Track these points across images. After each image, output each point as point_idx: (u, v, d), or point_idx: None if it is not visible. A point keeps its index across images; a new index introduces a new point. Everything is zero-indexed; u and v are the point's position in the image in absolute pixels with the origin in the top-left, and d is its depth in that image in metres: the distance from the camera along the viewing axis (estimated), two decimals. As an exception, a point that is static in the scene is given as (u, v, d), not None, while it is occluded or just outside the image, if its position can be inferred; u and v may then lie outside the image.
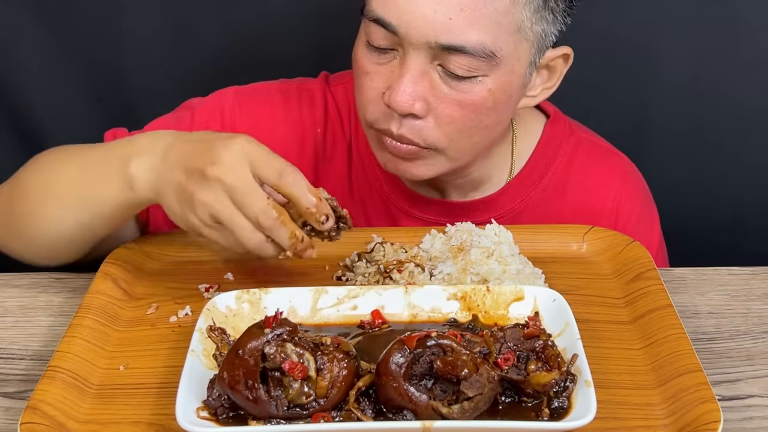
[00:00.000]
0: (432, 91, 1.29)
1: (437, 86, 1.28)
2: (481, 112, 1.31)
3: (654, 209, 1.60)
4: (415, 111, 1.28)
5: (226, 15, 1.89)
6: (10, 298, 1.36)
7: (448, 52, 1.25)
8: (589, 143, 1.56)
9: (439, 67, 1.27)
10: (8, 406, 1.15)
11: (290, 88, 1.55)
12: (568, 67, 1.39)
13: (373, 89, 1.32)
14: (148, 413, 1.08)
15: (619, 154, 1.58)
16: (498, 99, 1.31)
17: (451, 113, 1.30)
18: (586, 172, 1.53)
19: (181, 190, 1.20)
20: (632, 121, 1.93)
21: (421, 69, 1.27)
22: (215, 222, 1.19)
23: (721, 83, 1.89)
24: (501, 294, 1.20)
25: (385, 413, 1.03)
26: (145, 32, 1.89)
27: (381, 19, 1.26)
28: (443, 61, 1.26)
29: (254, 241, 1.19)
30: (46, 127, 1.97)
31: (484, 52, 1.25)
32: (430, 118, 1.30)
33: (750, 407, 1.14)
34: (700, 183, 1.97)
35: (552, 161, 1.52)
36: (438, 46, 1.25)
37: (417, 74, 1.27)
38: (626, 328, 1.22)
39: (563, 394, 1.05)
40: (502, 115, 1.35)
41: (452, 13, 1.23)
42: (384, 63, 1.30)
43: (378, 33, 1.28)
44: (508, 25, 1.26)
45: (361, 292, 1.20)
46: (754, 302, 1.34)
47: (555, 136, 1.53)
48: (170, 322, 1.25)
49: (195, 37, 1.90)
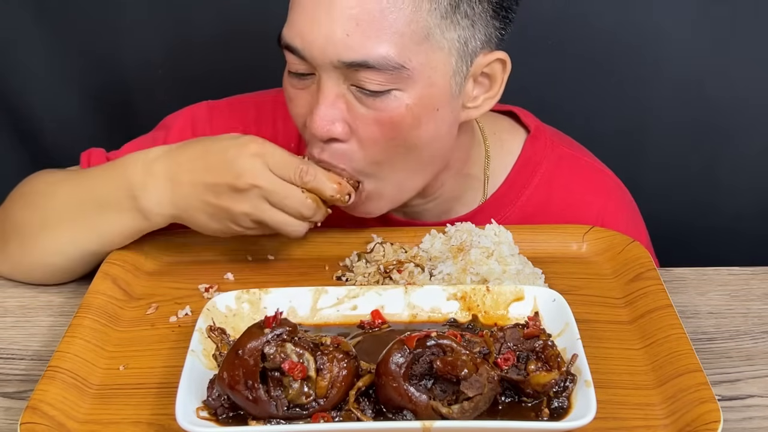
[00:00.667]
0: (350, 113, 1.25)
1: (353, 107, 1.25)
2: (402, 129, 1.26)
3: (640, 225, 1.56)
4: (336, 135, 1.26)
5: (226, 15, 1.89)
6: (10, 298, 1.36)
7: (355, 70, 1.22)
8: (572, 160, 1.51)
9: (353, 87, 1.24)
10: (8, 406, 1.15)
11: (266, 100, 1.53)
12: (507, 74, 1.32)
13: (298, 115, 1.30)
14: (148, 413, 1.08)
15: (603, 170, 1.54)
16: (419, 114, 1.25)
17: (371, 134, 1.26)
18: (568, 191, 1.49)
19: (215, 210, 1.27)
20: (632, 121, 1.93)
21: (336, 91, 1.25)
22: (258, 224, 1.27)
23: (722, 84, 1.90)
24: (501, 294, 1.19)
25: (385, 413, 1.03)
26: (144, 32, 1.89)
27: (289, 45, 1.25)
28: (354, 81, 1.23)
29: (300, 231, 1.29)
30: (46, 126, 1.97)
31: (389, 64, 1.21)
32: (353, 142, 1.27)
33: (750, 407, 1.14)
34: (700, 183, 1.97)
35: (530, 180, 1.48)
36: (342, 65, 1.22)
37: (332, 97, 1.25)
38: (626, 328, 1.22)
39: (563, 394, 1.04)
40: (433, 131, 1.28)
41: (349, 29, 1.20)
42: (303, 88, 1.28)
43: (292, 59, 1.26)
44: (412, 34, 1.22)
45: (361, 292, 1.20)
46: (754, 302, 1.34)
47: (535, 153, 1.48)
48: (170, 322, 1.25)
49: (194, 37, 1.90)
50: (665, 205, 1.63)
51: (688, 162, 1.96)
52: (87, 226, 1.33)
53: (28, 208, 1.39)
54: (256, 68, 1.76)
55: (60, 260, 1.36)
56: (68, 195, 1.35)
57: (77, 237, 1.34)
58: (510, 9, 1.30)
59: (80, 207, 1.33)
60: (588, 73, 1.86)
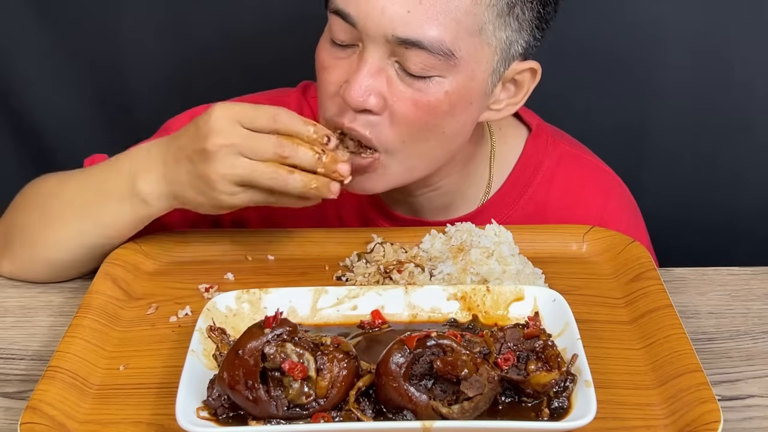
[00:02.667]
0: (388, 88, 1.26)
1: (394, 83, 1.26)
2: (437, 115, 1.28)
3: (641, 224, 1.56)
4: (370, 106, 1.26)
5: (226, 16, 1.89)
6: (10, 298, 1.36)
7: (405, 48, 1.23)
8: (573, 158, 1.52)
9: (396, 64, 1.26)
10: (8, 406, 1.15)
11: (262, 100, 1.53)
12: (535, 84, 1.35)
13: (331, 83, 1.30)
14: (148, 413, 1.08)
15: (604, 169, 1.55)
16: (455, 103, 1.28)
17: (406, 112, 1.27)
18: (568, 189, 1.49)
19: (195, 179, 1.23)
20: (632, 122, 1.93)
21: (378, 64, 1.26)
22: (243, 186, 1.22)
23: (721, 88, 1.90)
24: (501, 294, 1.19)
25: (385, 413, 1.03)
26: (145, 33, 1.89)
27: (341, 11, 1.25)
28: (400, 58, 1.24)
29: (281, 178, 1.21)
30: (46, 127, 1.97)
31: (441, 49, 1.23)
32: (385, 116, 1.28)
33: (750, 407, 1.14)
34: (701, 184, 1.97)
35: (532, 178, 1.49)
36: (395, 40, 1.23)
37: (374, 69, 1.26)
38: (626, 328, 1.22)
39: (563, 394, 1.05)
40: (461, 124, 1.32)
41: (411, 6, 1.22)
42: (344, 58, 1.28)
43: (339, 26, 1.26)
44: (469, 25, 1.24)
45: (361, 292, 1.20)
46: (754, 302, 1.34)
47: (537, 151, 1.49)
48: (170, 322, 1.24)
49: (195, 37, 1.90)
50: (665, 206, 1.63)
51: (688, 163, 1.96)
52: (89, 218, 1.33)
53: (31, 209, 1.39)
54: (258, 70, 1.76)
55: (65, 255, 1.35)
56: (70, 191, 1.36)
57: (80, 230, 1.33)
58: (549, 23, 1.33)
59: (82, 200, 1.33)
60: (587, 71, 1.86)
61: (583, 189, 1.50)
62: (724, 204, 1.97)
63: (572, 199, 1.49)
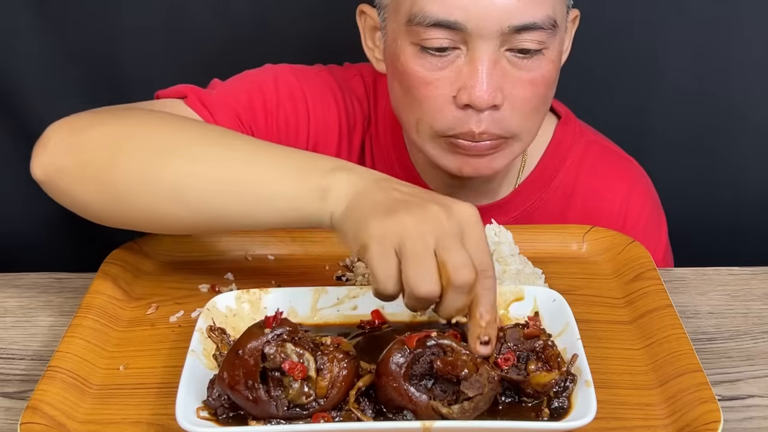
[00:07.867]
0: (505, 78, 1.28)
1: (508, 72, 1.28)
2: (549, 85, 1.32)
3: (662, 216, 1.59)
4: (497, 101, 1.28)
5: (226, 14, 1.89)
6: (10, 298, 1.36)
7: (517, 33, 1.25)
8: (599, 146, 1.55)
9: (507, 52, 1.28)
10: (8, 406, 1.15)
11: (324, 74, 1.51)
12: (575, 28, 1.40)
13: (439, 97, 1.29)
14: (148, 413, 1.08)
15: (628, 158, 1.58)
16: (557, 69, 1.32)
17: (524, 94, 1.30)
18: (595, 176, 1.52)
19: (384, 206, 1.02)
20: (633, 122, 1.93)
21: (493, 59, 1.27)
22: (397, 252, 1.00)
23: (722, 85, 1.89)
24: (501, 294, 1.19)
25: (385, 413, 1.03)
26: (145, 30, 1.89)
27: (443, 21, 1.25)
28: (511, 44, 1.27)
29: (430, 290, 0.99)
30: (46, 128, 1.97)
31: (550, 22, 1.27)
32: (506, 106, 1.30)
33: (750, 407, 1.14)
34: (701, 184, 1.97)
35: (562, 163, 1.51)
36: (511, 30, 1.25)
37: (491, 65, 1.27)
38: (626, 328, 1.22)
39: (563, 394, 1.05)
40: None
41: None
42: (445, 66, 1.28)
43: (437, 34, 1.26)
44: None
45: (361, 292, 1.20)
46: (754, 302, 1.34)
47: (566, 137, 1.52)
48: (170, 322, 1.25)
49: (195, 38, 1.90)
50: (665, 205, 1.63)
51: (688, 163, 1.95)
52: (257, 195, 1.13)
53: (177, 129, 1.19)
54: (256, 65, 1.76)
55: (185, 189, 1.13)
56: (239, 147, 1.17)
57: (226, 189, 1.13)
58: None
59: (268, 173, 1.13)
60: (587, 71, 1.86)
61: (609, 175, 1.53)
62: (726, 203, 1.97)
63: (599, 184, 1.51)
